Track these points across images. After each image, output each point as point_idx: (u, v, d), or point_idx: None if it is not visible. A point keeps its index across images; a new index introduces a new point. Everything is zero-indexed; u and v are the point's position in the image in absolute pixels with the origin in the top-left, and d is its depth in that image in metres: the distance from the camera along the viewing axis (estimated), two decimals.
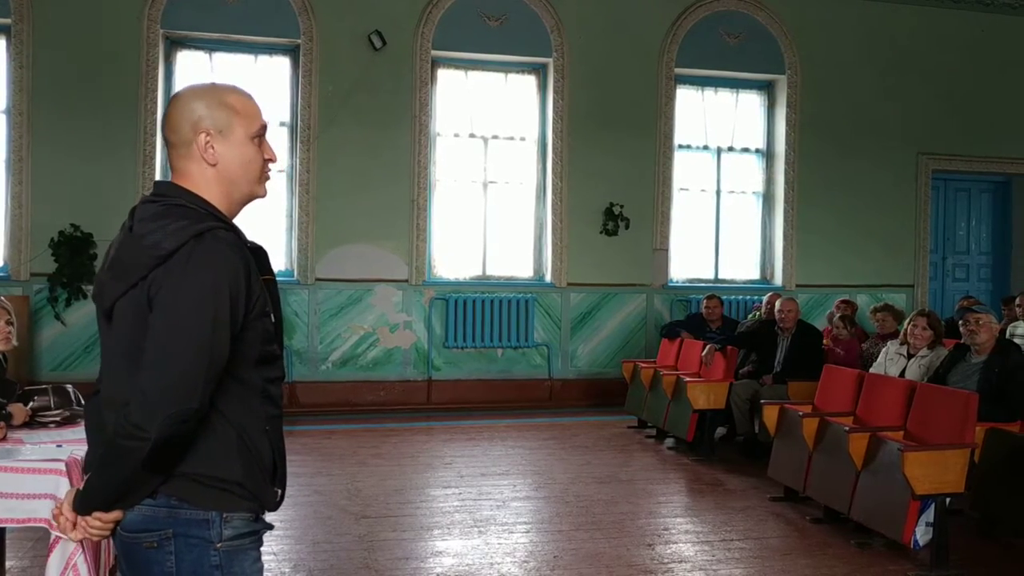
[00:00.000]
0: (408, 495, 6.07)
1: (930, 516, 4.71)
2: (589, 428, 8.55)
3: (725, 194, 10.68)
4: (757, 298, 9.73)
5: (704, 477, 6.77)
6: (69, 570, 3.24)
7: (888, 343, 6.82)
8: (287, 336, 9.00)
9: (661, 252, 10.16)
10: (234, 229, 1.93)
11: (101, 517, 1.86)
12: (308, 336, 9.25)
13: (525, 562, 4.76)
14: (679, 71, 10.21)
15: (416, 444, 7.78)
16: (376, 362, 9.44)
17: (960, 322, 5.98)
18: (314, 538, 5.08)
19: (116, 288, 1.87)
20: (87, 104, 8.75)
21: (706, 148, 10.59)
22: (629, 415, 8.70)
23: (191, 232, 1.81)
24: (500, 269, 10.00)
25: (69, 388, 4.21)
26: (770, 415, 6.11)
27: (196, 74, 9.19)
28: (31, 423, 3.94)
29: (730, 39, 10.32)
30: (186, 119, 1.93)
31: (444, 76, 9.83)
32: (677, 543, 5.17)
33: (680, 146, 10.38)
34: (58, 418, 3.99)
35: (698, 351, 8.02)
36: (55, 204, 8.65)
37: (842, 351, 7.72)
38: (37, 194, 8.68)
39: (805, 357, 7.40)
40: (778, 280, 10.56)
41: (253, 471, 1.90)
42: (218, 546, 1.87)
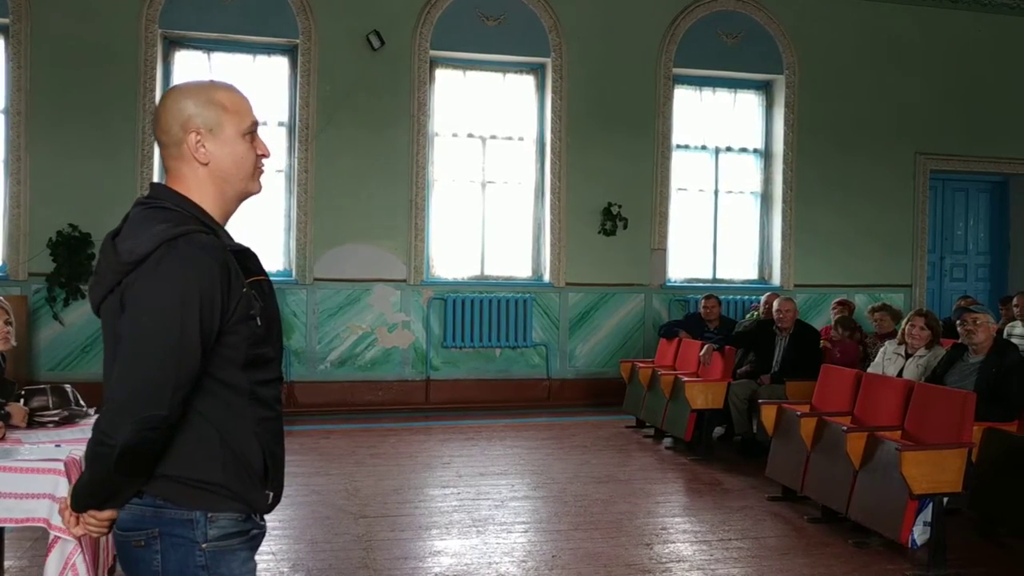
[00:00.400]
0: (406, 495, 6.07)
1: (928, 515, 4.73)
2: (587, 428, 8.55)
3: (723, 194, 10.68)
4: (755, 298, 9.73)
5: (702, 477, 6.77)
6: (68, 569, 3.25)
7: (886, 343, 6.83)
8: (285, 336, 8.99)
9: (659, 252, 10.17)
10: (216, 232, 1.91)
11: (95, 515, 1.88)
12: (306, 336, 9.25)
13: (523, 561, 4.77)
14: (677, 71, 10.22)
15: (414, 444, 7.79)
16: (374, 362, 9.44)
17: (958, 322, 5.99)
18: (312, 538, 5.09)
19: (97, 293, 1.90)
20: (85, 104, 8.75)
21: (704, 148, 10.60)
22: (627, 415, 8.71)
23: (165, 236, 1.80)
24: (498, 269, 10.01)
25: (67, 388, 4.21)
26: (768, 415, 6.12)
27: (194, 74, 9.20)
28: (29, 423, 3.95)
29: (728, 39, 10.33)
30: (175, 119, 1.92)
31: (442, 76, 9.83)
32: (675, 543, 5.18)
33: (678, 146, 10.39)
34: (56, 418, 4.00)
35: (696, 351, 8.03)
36: (53, 204, 8.65)
37: (839, 353, 7.73)
38: (35, 194, 8.68)
39: (803, 357, 7.41)
40: (776, 280, 10.57)
41: (238, 473, 1.88)
42: (204, 546, 1.87)
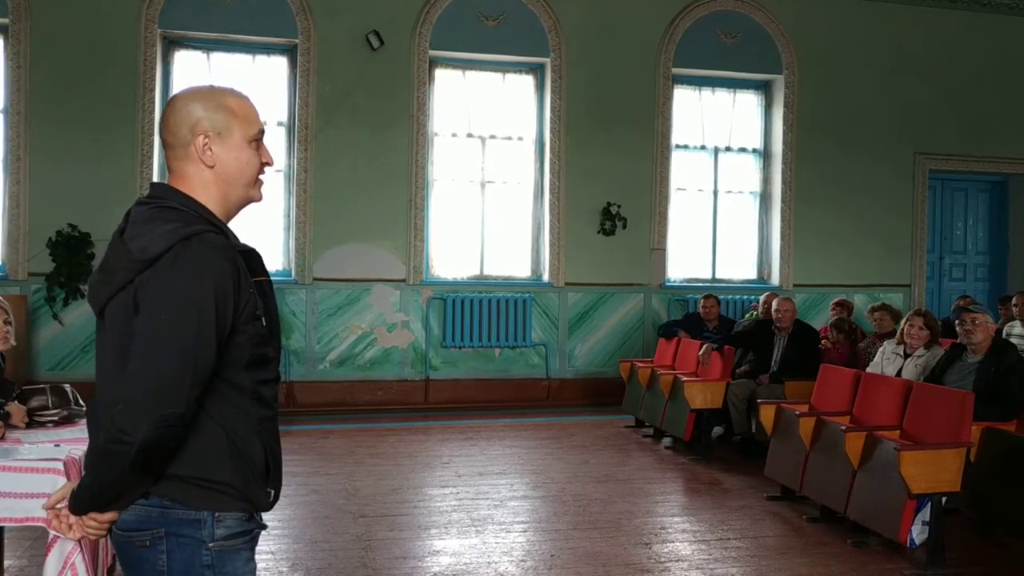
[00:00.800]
0: (405, 494, 6.08)
1: (926, 515, 4.73)
2: (586, 427, 8.56)
3: (722, 194, 10.69)
4: (754, 298, 9.74)
5: (701, 476, 6.78)
6: (67, 569, 3.25)
7: (885, 343, 6.84)
8: (284, 336, 9.00)
9: (658, 252, 10.18)
10: (224, 232, 1.93)
11: (96, 518, 1.87)
12: (306, 336, 9.26)
13: (522, 561, 4.77)
14: (676, 71, 10.23)
15: (414, 443, 7.79)
16: (374, 362, 9.44)
17: (956, 322, 6.00)
18: (312, 537, 5.09)
19: (105, 291, 1.88)
20: (85, 104, 8.75)
21: (703, 148, 10.60)
22: (626, 414, 8.72)
23: (178, 236, 1.81)
24: (498, 269, 10.01)
25: (67, 388, 4.21)
26: (767, 414, 6.13)
27: (194, 74, 9.21)
28: (29, 423, 3.95)
29: (727, 39, 10.33)
30: (184, 121, 1.93)
31: (442, 76, 9.83)
32: (674, 542, 5.18)
33: (677, 146, 10.40)
34: (56, 418, 4.00)
35: (695, 351, 8.03)
36: (53, 204, 8.66)
37: (836, 352, 7.74)
38: (35, 194, 8.68)
39: (802, 357, 7.41)
40: (775, 280, 10.57)
41: (244, 472, 1.90)
42: (210, 546, 1.88)
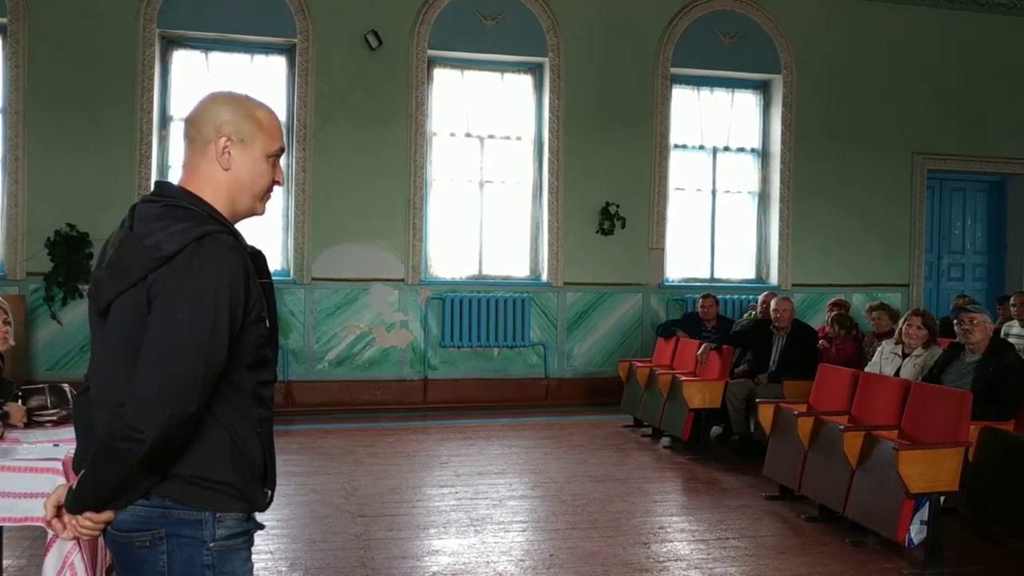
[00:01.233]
0: (404, 494, 6.08)
1: (924, 514, 4.73)
2: (585, 427, 8.56)
3: (721, 194, 10.70)
4: (752, 297, 9.74)
5: (700, 476, 6.78)
6: (66, 569, 3.25)
7: (883, 342, 6.84)
8: (283, 336, 9.00)
9: (657, 251, 10.18)
10: (235, 233, 1.94)
11: (92, 517, 1.86)
12: (304, 335, 9.25)
13: (521, 561, 4.78)
14: (675, 71, 10.23)
15: (412, 443, 7.79)
16: (372, 361, 9.44)
17: (955, 321, 6.00)
18: (310, 537, 5.09)
19: (114, 287, 1.86)
20: (83, 103, 8.75)
21: (702, 148, 10.61)
22: (625, 414, 8.72)
23: (193, 235, 1.82)
24: (496, 268, 10.01)
25: (65, 387, 4.22)
26: (765, 414, 6.13)
27: (192, 74, 9.21)
28: (28, 422, 3.95)
29: (726, 39, 10.34)
30: (211, 120, 1.96)
31: (440, 75, 9.83)
32: (673, 542, 5.18)
33: (676, 146, 10.40)
34: (55, 417, 4.00)
35: (694, 350, 8.04)
36: (51, 203, 8.65)
37: (835, 351, 7.75)
38: (33, 193, 8.68)
39: (800, 356, 7.42)
40: (773, 279, 10.58)
41: (244, 472, 1.91)
42: (211, 546, 1.88)
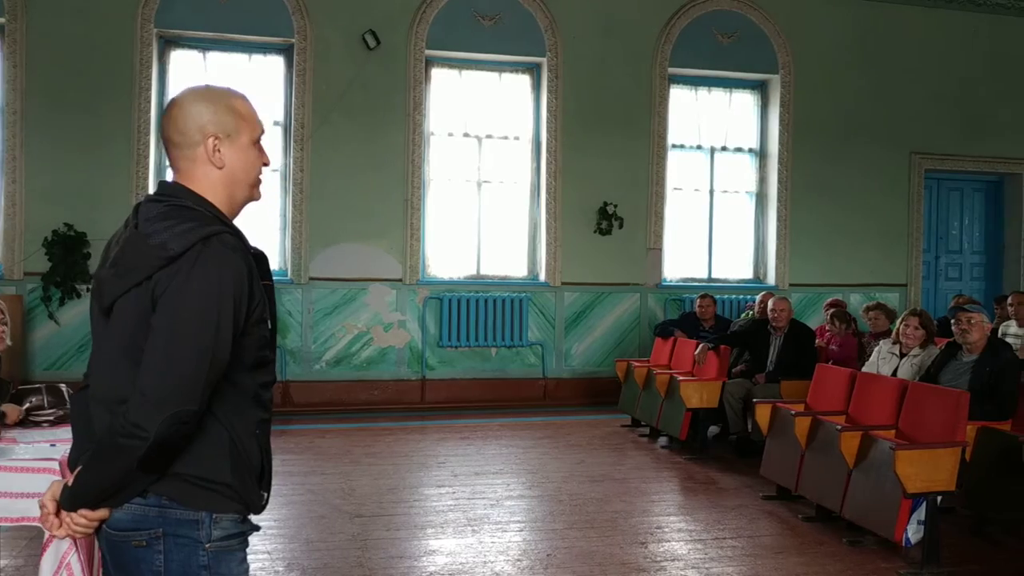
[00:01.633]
0: (402, 494, 6.08)
1: (921, 514, 4.73)
2: (583, 427, 8.56)
3: (718, 193, 10.71)
4: (750, 297, 9.75)
5: (697, 476, 6.79)
6: (63, 569, 3.24)
7: (880, 342, 6.85)
8: (280, 336, 9.01)
9: (655, 251, 10.18)
10: (238, 234, 1.94)
11: (87, 515, 1.86)
12: (302, 335, 9.25)
13: (518, 560, 4.78)
14: (672, 71, 10.23)
15: (410, 443, 7.79)
16: (370, 361, 9.44)
17: (952, 321, 6.01)
18: (307, 537, 5.09)
19: (118, 286, 1.86)
20: (81, 103, 8.74)
21: (699, 148, 10.61)
22: (623, 414, 8.72)
23: (199, 235, 1.82)
24: (494, 268, 10.01)
25: (63, 387, 4.21)
26: (763, 414, 6.13)
27: (190, 73, 9.20)
28: (25, 422, 3.95)
29: (723, 39, 10.34)
30: (193, 121, 1.95)
31: (438, 75, 9.83)
32: (670, 541, 5.19)
33: (674, 146, 10.41)
34: (52, 417, 4.00)
35: (691, 350, 8.04)
36: (49, 203, 8.64)
37: (837, 347, 7.76)
38: (31, 193, 8.67)
39: (798, 356, 7.43)
40: (771, 279, 10.59)
41: (242, 473, 1.91)
42: (207, 546, 1.88)
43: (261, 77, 9.37)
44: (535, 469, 6.87)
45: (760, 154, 10.77)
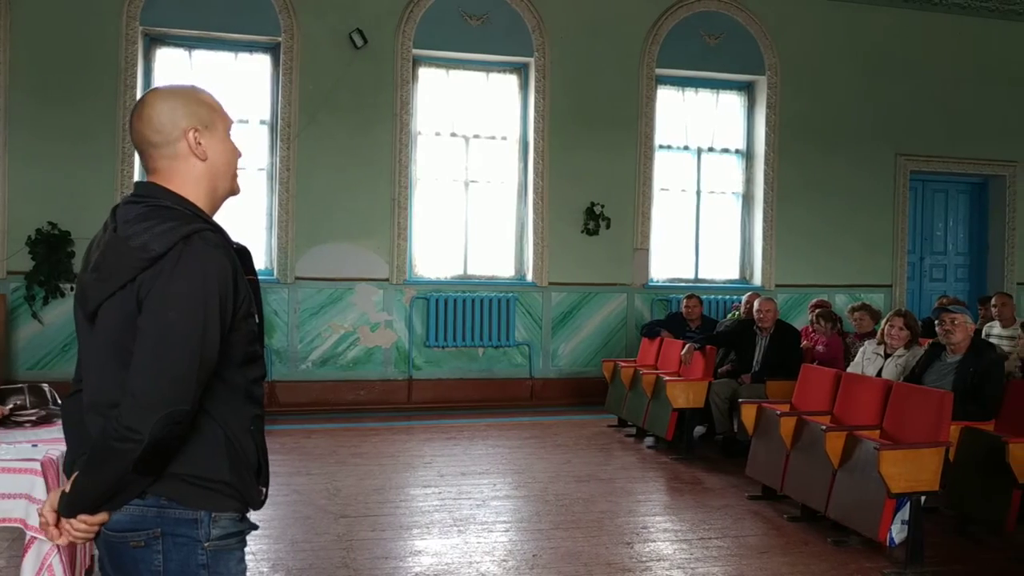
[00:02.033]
0: (388, 494, 6.06)
1: (905, 514, 4.76)
2: (569, 427, 8.56)
3: (705, 194, 10.73)
4: (736, 298, 9.78)
5: (683, 476, 6.80)
6: (44, 570, 3.23)
7: (866, 343, 6.88)
8: (267, 335, 8.97)
9: (642, 252, 10.20)
10: (220, 230, 1.93)
11: (86, 520, 1.85)
12: (288, 335, 9.22)
13: (504, 561, 4.77)
14: (660, 71, 10.25)
15: (396, 443, 7.77)
16: (356, 361, 9.42)
17: (936, 322, 6.04)
18: (293, 538, 5.07)
19: (102, 290, 1.85)
20: (65, 102, 8.68)
21: (686, 148, 10.64)
22: (609, 414, 8.73)
23: (180, 234, 1.81)
24: (481, 268, 10.01)
25: (45, 387, 4.18)
26: (748, 414, 6.15)
27: (175, 71, 9.15)
28: (6, 422, 3.92)
29: (710, 40, 10.37)
30: (167, 119, 1.93)
31: (425, 75, 9.82)
32: (656, 541, 5.19)
33: (661, 146, 10.43)
34: (34, 417, 3.97)
35: (678, 350, 8.05)
36: (32, 202, 8.58)
37: (823, 347, 7.79)
38: (14, 191, 8.61)
39: (783, 356, 7.46)
40: (757, 280, 10.62)
41: (240, 470, 1.91)
42: (206, 545, 1.88)
43: (248, 76, 9.33)
44: (521, 469, 6.87)
45: (746, 155, 10.80)
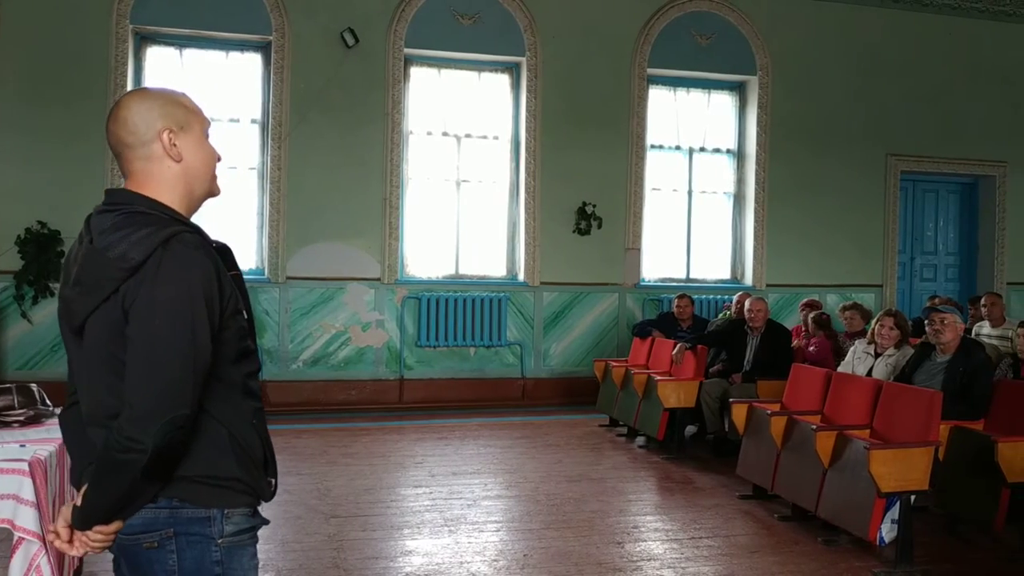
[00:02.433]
0: (378, 494, 6.06)
1: (895, 513, 4.77)
2: (561, 427, 8.57)
3: (697, 194, 10.74)
4: (727, 297, 9.80)
5: (674, 475, 6.81)
6: (32, 571, 3.21)
7: (856, 342, 6.90)
8: (257, 335, 8.92)
9: (633, 251, 10.21)
10: (198, 230, 1.91)
11: (102, 530, 1.85)
12: (279, 335, 9.20)
13: (495, 560, 4.77)
14: (651, 71, 10.26)
15: (387, 443, 7.76)
16: (348, 361, 9.40)
17: (926, 321, 6.06)
18: (283, 538, 5.06)
19: (86, 304, 1.83)
20: (54, 100, 8.64)
21: (678, 148, 10.65)
22: (600, 414, 8.74)
23: (158, 239, 1.79)
24: (473, 268, 10.00)
25: (34, 387, 4.16)
26: (739, 414, 6.16)
27: (166, 70, 9.12)
28: None
29: (702, 40, 10.38)
30: (142, 121, 1.92)
31: (417, 74, 9.81)
32: (646, 541, 5.20)
33: (652, 146, 10.44)
34: (22, 418, 3.95)
35: (669, 350, 8.06)
36: (22, 201, 8.53)
37: (813, 348, 7.80)
38: (3, 191, 8.55)
39: (774, 356, 7.47)
40: (748, 280, 10.64)
41: (248, 465, 1.93)
42: (219, 542, 1.90)
43: (238, 75, 9.30)
44: (513, 469, 6.86)
45: (738, 155, 10.82)
